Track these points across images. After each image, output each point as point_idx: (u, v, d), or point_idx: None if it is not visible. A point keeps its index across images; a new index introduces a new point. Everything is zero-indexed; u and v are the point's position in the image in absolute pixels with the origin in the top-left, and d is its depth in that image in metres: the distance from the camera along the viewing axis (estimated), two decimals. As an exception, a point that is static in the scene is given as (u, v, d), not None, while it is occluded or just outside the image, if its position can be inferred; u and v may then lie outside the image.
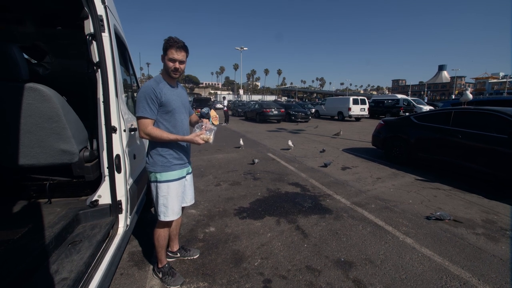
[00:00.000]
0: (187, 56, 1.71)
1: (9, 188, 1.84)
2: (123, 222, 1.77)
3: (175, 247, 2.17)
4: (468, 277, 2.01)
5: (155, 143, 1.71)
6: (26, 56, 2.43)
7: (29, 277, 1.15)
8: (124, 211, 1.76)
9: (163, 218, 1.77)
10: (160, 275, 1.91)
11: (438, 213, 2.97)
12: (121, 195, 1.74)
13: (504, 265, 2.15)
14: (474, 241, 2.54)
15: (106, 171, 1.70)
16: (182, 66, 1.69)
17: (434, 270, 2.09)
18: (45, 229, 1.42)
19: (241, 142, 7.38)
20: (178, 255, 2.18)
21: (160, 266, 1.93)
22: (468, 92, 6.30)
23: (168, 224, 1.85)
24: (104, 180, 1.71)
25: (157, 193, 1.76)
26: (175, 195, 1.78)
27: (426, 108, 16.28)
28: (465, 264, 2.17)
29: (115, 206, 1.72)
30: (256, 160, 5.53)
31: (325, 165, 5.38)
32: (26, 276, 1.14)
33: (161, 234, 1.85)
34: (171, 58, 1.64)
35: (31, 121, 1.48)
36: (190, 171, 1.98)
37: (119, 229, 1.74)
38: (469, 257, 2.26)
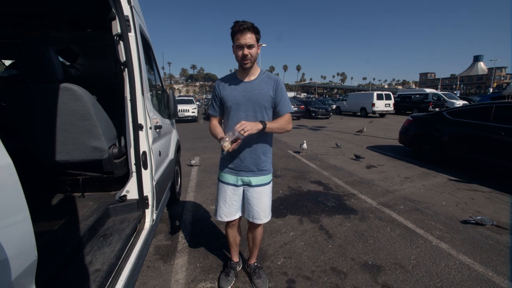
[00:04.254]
0: (257, 39, 1.44)
1: (48, 182, 1.97)
2: (149, 216, 1.81)
3: (234, 257, 2.00)
4: (517, 289, 1.81)
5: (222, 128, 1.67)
6: (60, 59, 2.58)
7: (66, 267, 1.21)
8: (150, 206, 1.80)
9: (214, 214, 1.77)
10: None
11: (478, 218, 2.71)
12: (148, 190, 1.78)
13: (560, 278, 1.91)
14: (522, 249, 2.28)
15: (134, 168, 1.75)
16: (252, 51, 1.41)
17: (475, 280, 1.91)
18: (79, 221, 1.50)
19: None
20: (238, 268, 2.01)
21: (231, 258, 1.99)
22: None
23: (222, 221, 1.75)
24: (132, 176, 1.77)
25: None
26: (222, 198, 1.69)
27: (459, 103, 15.07)
28: (513, 275, 1.96)
29: (142, 201, 1.77)
30: (193, 161, 5.02)
31: (357, 158, 5.47)
32: (64, 266, 1.20)
33: (226, 230, 1.86)
34: (237, 45, 1.41)
35: (66, 119, 1.55)
36: (254, 183, 1.62)
37: (146, 223, 1.79)
38: (516, 268, 2.04)
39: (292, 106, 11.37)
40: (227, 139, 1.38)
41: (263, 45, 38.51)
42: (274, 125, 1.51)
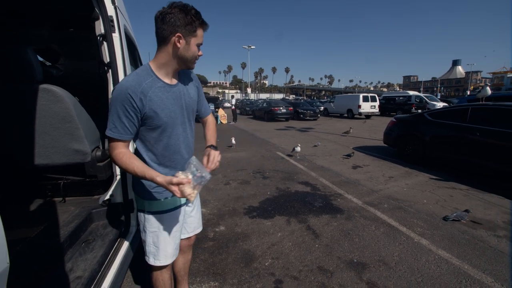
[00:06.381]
0: None
1: (26, 187, 1.89)
2: (134, 221, 1.78)
3: None
4: (490, 282, 1.92)
5: (140, 157, 1.15)
6: (40, 59, 2.48)
7: (45, 275, 1.17)
8: (135, 210, 1.77)
9: (152, 261, 1.26)
10: None
11: (455, 214, 2.86)
12: (132, 194, 1.75)
13: (529, 269, 2.05)
14: (495, 243, 2.42)
15: (118, 171, 1.72)
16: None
17: (452, 273, 2.01)
18: (60, 227, 1.45)
19: (233, 141, 7.11)
20: None
21: None
22: (487, 88, 6.05)
23: (161, 266, 1.31)
24: (116, 180, 1.73)
25: (144, 226, 1.24)
26: (170, 231, 1.25)
27: (440, 105, 15.77)
28: (486, 267, 2.07)
29: (127, 205, 1.73)
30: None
31: (349, 156, 5.81)
32: (42, 274, 1.16)
33: (158, 279, 1.31)
34: (200, 43, 1.10)
35: (46, 121, 1.50)
36: None
37: (130, 228, 1.75)
38: (490, 261, 2.16)
39: (281, 108, 11.37)
40: (192, 184, 0.99)
41: (252, 47, 38.36)
42: (214, 138, 1.36)
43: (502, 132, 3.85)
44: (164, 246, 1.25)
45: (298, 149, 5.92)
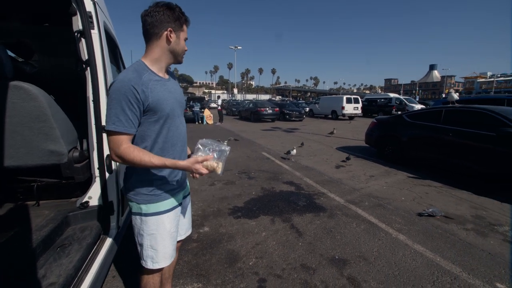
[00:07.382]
0: None
1: None
2: (114, 223, 1.73)
3: None
4: (459, 271, 2.05)
5: None
6: (12, 54, 2.35)
7: (14, 283, 1.11)
8: (115, 212, 1.72)
9: (150, 265, 1.23)
10: None
11: (430, 210, 3.03)
12: (112, 196, 1.70)
13: (493, 259, 2.21)
14: (464, 236, 2.59)
15: (97, 172, 1.66)
16: None
17: (426, 265, 2.13)
18: (32, 232, 1.38)
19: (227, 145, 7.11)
20: None
21: None
22: (452, 93, 6.58)
23: (158, 269, 1.29)
24: (95, 181, 1.68)
25: (141, 229, 1.20)
26: (168, 232, 1.23)
27: (418, 107, 16.57)
28: (456, 259, 2.22)
29: (106, 207, 1.68)
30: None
31: (347, 160, 5.60)
32: (12, 282, 1.10)
33: (149, 282, 1.29)
34: (186, 38, 1.20)
35: (16, 120, 1.43)
36: (188, 192, 1.45)
37: (110, 230, 1.70)
38: (459, 252, 2.31)
39: (267, 109, 11.45)
40: (215, 158, 1.11)
41: (238, 47, 38.29)
42: None
43: (470, 132, 4.13)
44: (163, 247, 1.23)
45: (294, 152, 5.69)
